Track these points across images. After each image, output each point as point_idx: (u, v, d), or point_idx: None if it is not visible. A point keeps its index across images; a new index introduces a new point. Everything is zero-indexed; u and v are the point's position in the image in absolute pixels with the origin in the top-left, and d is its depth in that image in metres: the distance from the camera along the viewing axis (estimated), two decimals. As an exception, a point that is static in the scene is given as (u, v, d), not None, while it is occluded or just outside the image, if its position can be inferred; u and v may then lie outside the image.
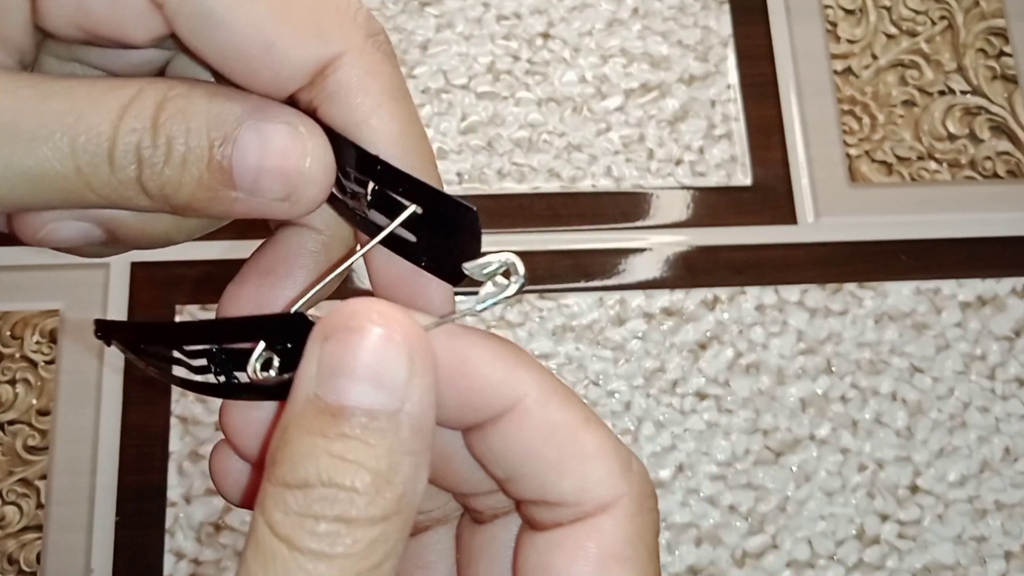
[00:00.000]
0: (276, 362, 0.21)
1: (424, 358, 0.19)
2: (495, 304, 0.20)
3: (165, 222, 0.22)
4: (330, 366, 0.18)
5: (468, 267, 0.21)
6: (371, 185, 0.21)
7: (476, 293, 0.21)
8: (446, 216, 0.21)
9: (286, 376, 0.21)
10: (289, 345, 0.21)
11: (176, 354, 0.23)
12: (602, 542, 0.20)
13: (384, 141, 0.21)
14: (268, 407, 0.22)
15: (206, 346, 0.22)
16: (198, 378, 0.23)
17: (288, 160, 0.20)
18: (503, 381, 0.21)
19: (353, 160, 0.21)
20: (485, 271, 0.21)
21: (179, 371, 0.23)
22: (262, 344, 0.21)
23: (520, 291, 0.20)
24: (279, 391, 0.21)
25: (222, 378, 0.22)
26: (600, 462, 0.21)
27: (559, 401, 0.21)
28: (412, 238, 0.21)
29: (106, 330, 0.24)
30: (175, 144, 0.20)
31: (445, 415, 0.21)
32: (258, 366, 0.21)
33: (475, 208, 0.20)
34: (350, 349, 0.18)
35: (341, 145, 0.21)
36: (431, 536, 0.24)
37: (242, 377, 0.21)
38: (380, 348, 0.18)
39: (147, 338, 0.23)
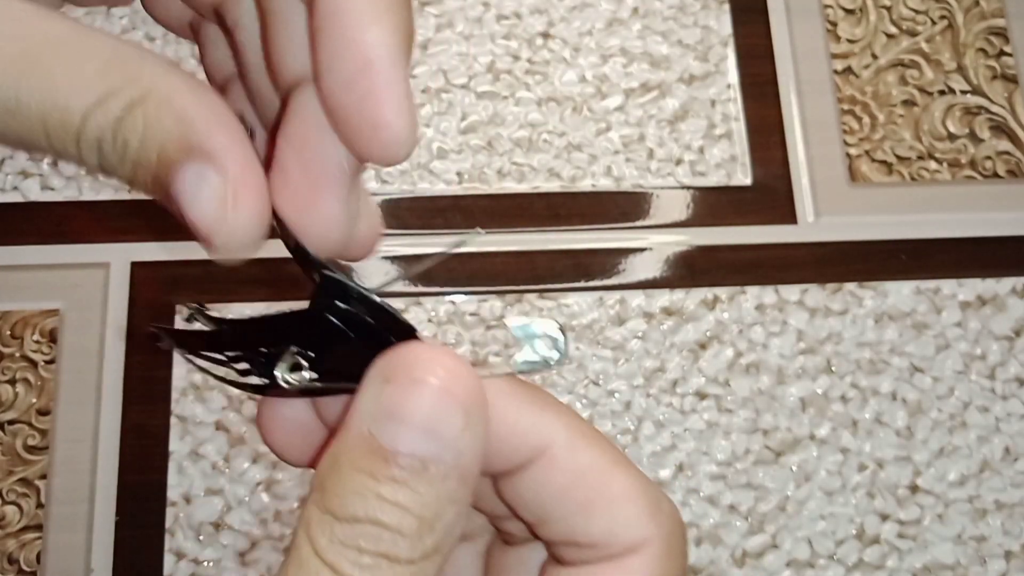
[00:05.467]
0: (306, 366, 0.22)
1: (479, 413, 0.20)
2: (536, 371, 0.21)
3: None
4: (388, 409, 0.19)
5: (513, 326, 0.21)
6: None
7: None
8: (376, 333, 0.21)
9: (316, 382, 0.21)
10: (313, 353, 0.21)
11: (219, 356, 0.23)
12: None
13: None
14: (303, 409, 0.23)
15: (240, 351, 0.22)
16: (242, 379, 0.23)
17: (209, 215, 0.20)
18: (531, 427, 0.21)
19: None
20: (528, 335, 0.21)
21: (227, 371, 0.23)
22: (292, 348, 0.21)
23: (561, 363, 0.21)
24: (314, 390, 0.22)
25: (264, 380, 0.22)
26: (629, 505, 0.21)
27: (587, 444, 0.21)
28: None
29: (162, 337, 0.24)
30: (129, 149, 0.20)
31: None
32: (286, 369, 0.21)
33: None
34: (410, 397, 0.19)
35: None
36: (460, 553, 0.25)
37: (278, 377, 0.22)
38: (439, 401, 0.19)
39: (188, 344, 0.23)
